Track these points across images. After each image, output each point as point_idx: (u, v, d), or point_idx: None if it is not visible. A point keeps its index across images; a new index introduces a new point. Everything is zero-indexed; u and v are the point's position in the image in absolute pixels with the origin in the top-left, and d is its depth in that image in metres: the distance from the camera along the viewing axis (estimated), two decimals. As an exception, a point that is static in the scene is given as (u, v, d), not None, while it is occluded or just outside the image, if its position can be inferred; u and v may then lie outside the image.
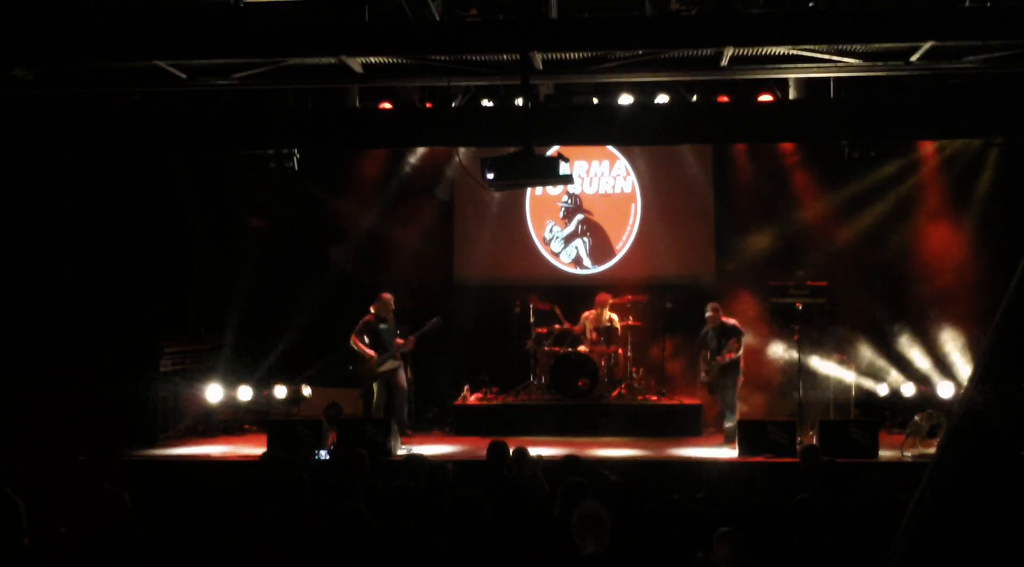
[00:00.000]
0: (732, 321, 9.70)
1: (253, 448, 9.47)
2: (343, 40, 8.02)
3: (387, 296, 10.35)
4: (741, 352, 9.57)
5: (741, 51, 8.09)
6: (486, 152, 8.12)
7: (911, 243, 11.41)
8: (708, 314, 9.75)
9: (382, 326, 10.22)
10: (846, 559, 4.66)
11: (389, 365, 10.17)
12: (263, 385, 11.22)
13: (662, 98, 9.82)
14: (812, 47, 8.04)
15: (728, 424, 9.44)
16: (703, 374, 9.74)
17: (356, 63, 8.33)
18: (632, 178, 12.27)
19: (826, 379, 10.17)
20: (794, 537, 4.78)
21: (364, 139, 9.95)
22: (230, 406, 11.08)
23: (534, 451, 6.97)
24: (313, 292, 11.48)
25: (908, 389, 10.85)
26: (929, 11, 7.66)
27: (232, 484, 7.73)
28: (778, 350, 10.52)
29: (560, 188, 12.06)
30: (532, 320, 11.07)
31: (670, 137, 9.88)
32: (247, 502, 5.55)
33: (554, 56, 8.30)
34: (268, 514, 5.22)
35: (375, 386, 10.21)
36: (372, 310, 10.25)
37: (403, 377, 10.33)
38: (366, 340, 10.13)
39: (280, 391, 11.01)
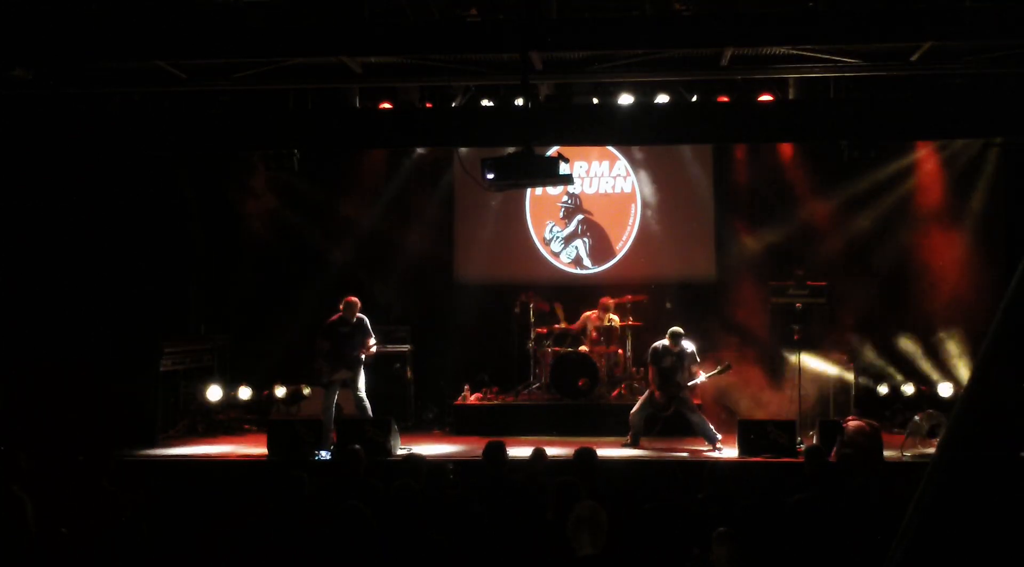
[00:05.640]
0: (692, 347, 9.60)
1: (253, 448, 9.47)
2: (343, 40, 8.02)
3: (352, 299, 9.51)
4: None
5: (741, 51, 8.08)
6: (486, 152, 8.13)
7: (911, 243, 11.40)
8: (673, 338, 9.41)
9: (342, 329, 9.42)
10: (846, 559, 4.67)
11: (340, 375, 9.40)
12: (263, 385, 11.23)
13: (662, 98, 9.82)
14: (812, 47, 8.03)
15: (707, 429, 9.34)
16: (677, 389, 9.42)
17: (356, 63, 8.33)
18: (632, 178, 12.28)
19: (826, 379, 10.16)
20: (794, 537, 4.79)
21: (364, 139, 9.94)
22: (230, 406, 11.08)
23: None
24: (313, 292, 11.47)
25: (908, 389, 10.86)
26: (929, 11, 7.66)
27: (232, 484, 7.76)
28: (778, 350, 10.51)
29: (560, 188, 12.06)
30: (532, 320, 11.06)
31: (670, 137, 9.87)
32: (248, 502, 5.56)
33: (554, 56, 8.30)
34: (269, 514, 5.22)
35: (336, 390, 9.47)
36: (340, 309, 9.48)
37: (354, 393, 9.40)
38: (325, 344, 9.40)
39: (280, 391, 11.01)
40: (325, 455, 8.74)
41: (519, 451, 7.40)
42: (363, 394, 9.44)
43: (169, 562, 4.84)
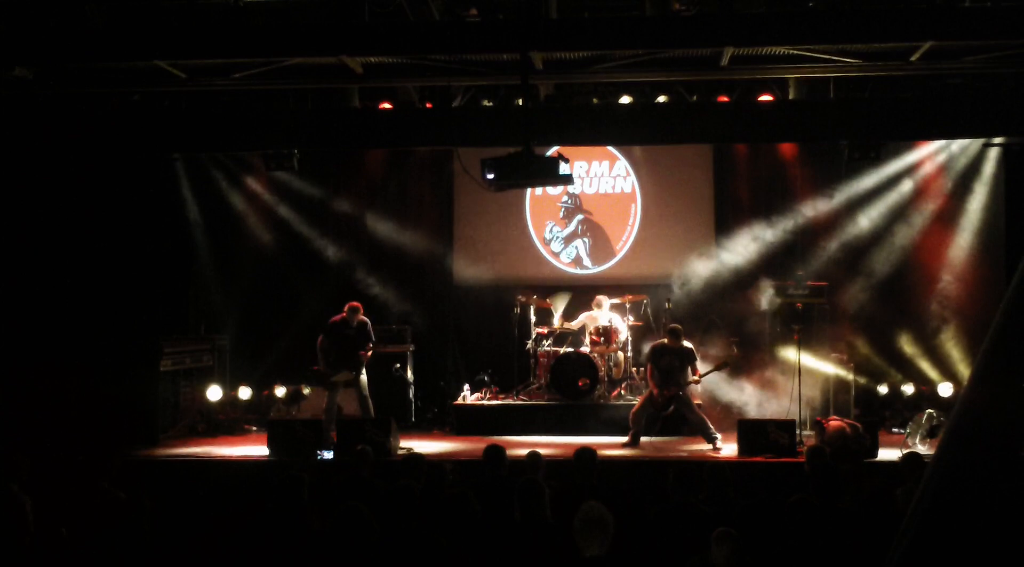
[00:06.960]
0: (690, 345, 9.61)
1: (253, 448, 9.47)
2: (343, 40, 8.03)
3: (356, 305, 9.77)
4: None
5: (741, 51, 8.09)
6: (486, 152, 8.13)
7: (911, 243, 11.41)
8: (673, 336, 9.43)
9: (346, 331, 9.60)
10: (846, 559, 4.66)
11: (342, 376, 9.57)
12: (263, 385, 11.23)
13: (662, 98, 9.81)
14: (812, 47, 8.04)
15: (707, 428, 9.35)
16: (676, 388, 9.39)
17: (356, 63, 8.33)
18: (632, 178, 12.27)
19: (826, 379, 10.17)
20: (794, 537, 4.78)
21: (364, 139, 9.96)
22: (230, 406, 11.08)
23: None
24: (313, 292, 11.47)
25: (908, 389, 10.87)
26: (929, 11, 7.67)
27: (232, 484, 7.76)
28: (778, 350, 10.51)
29: (560, 188, 12.06)
30: (532, 320, 11.07)
31: (670, 137, 9.87)
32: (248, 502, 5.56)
33: (554, 56, 8.31)
34: (269, 514, 5.22)
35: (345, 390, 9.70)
36: (344, 312, 9.67)
37: (358, 390, 9.64)
38: (327, 344, 9.61)
39: (280, 391, 11.01)
40: (327, 455, 8.75)
41: (520, 451, 7.38)
42: (367, 392, 9.62)
43: (169, 562, 4.84)
